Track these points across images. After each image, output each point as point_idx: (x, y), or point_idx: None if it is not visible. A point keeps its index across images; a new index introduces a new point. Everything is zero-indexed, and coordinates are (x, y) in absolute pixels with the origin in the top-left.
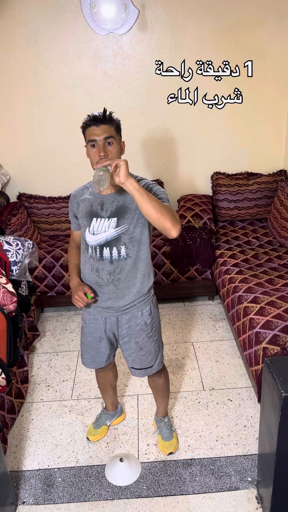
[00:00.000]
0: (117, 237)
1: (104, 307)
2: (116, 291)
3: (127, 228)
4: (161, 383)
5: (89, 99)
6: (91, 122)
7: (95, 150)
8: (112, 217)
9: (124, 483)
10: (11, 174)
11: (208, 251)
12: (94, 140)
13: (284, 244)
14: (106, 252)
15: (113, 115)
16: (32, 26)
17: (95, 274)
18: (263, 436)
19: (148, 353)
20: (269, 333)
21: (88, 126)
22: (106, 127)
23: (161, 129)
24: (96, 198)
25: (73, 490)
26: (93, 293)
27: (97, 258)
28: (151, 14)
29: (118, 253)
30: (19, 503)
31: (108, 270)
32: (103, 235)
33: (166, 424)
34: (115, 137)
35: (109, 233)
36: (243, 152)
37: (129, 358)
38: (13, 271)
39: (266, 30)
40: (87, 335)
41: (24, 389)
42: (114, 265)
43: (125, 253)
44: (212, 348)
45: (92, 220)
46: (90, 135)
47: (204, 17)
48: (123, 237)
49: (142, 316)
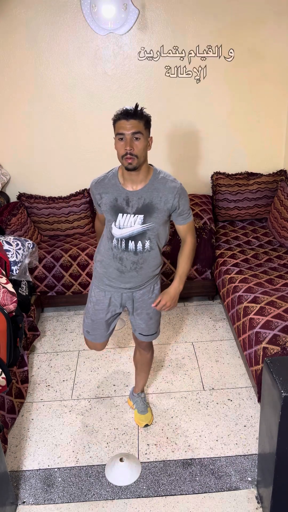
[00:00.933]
0: (143, 232)
1: (122, 287)
2: (137, 276)
3: (154, 226)
4: (147, 357)
5: (89, 99)
6: (122, 116)
7: (122, 143)
8: (138, 214)
9: (124, 483)
10: (11, 174)
11: (208, 251)
12: (122, 134)
13: (284, 244)
14: (131, 244)
15: (144, 110)
16: (32, 26)
17: (119, 262)
18: (263, 436)
19: (155, 321)
20: (269, 333)
21: (118, 120)
22: (136, 122)
23: (161, 129)
24: (120, 192)
25: (73, 490)
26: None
27: (122, 248)
28: (151, 14)
29: (142, 246)
30: (19, 503)
31: (132, 260)
32: (129, 229)
33: (142, 399)
34: (143, 133)
35: (135, 228)
36: (243, 152)
37: (139, 326)
38: (13, 271)
39: (266, 30)
40: (99, 311)
41: (24, 389)
42: (138, 256)
43: (149, 246)
44: (212, 348)
45: (118, 215)
46: (119, 128)
47: (204, 17)
48: (149, 233)
49: (154, 291)
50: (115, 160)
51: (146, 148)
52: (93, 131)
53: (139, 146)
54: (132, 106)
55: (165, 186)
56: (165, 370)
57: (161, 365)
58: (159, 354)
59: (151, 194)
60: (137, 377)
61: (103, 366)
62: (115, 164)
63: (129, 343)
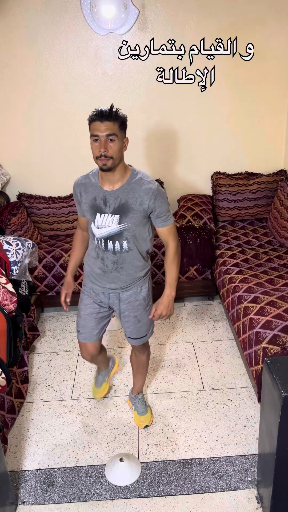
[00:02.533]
0: (119, 232)
1: (107, 287)
2: (119, 276)
3: (129, 226)
4: (143, 359)
5: (89, 99)
6: (97, 117)
7: (96, 145)
8: (115, 214)
9: (124, 483)
10: (11, 174)
11: (208, 251)
12: (96, 136)
13: (284, 244)
14: (110, 244)
15: (119, 112)
16: (32, 26)
17: (101, 262)
18: (263, 436)
19: (144, 324)
20: (269, 333)
21: (93, 121)
22: (110, 124)
23: (161, 129)
24: (99, 192)
25: (73, 490)
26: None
27: (102, 248)
28: (151, 14)
29: (120, 246)
30: (19, 503)
31: (112, 260)
32: (106, 229)
33: (141, 400)
34: (118, 135)
35: (112, 228)
36: (243, 152)
37: (127, 329)
38: (13, 271)
39: (266, 30)
40: (88, 306)
41: (24, 389)
42: (117, 256)
43: (126, 246)
44: (212, 348)
45: (96, 215)
46: (93, 130)
47: (204, 17)
48: (125, 233)
49: (140, 292)
50: None
51: (121, 149)
52: None
53: (113, 147)
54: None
55: (141, 187)
56: (165, 370)
57: (161, 365)
58: (159, 354)
59: (127, 195)
60: (134, 379)
61: None
62: None
63: (129, 343)
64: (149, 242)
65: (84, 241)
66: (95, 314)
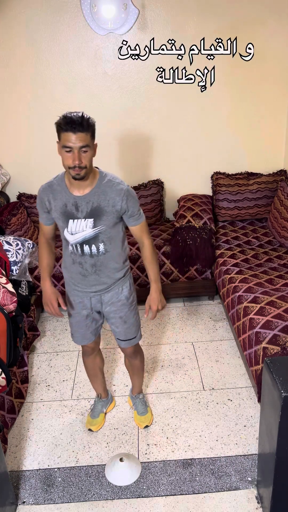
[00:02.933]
0: (95, 236)
1: (88, 291)
2: (99, 279)
3: (104, 228)
4: (137, 363)
5: (89, 99)
6: (69, 127)
7: (69, 155)
8: (88, 218)
9: (124, 483)
10: (11, 174)
11: (208, 251)
12: (69, 147)
13: (284, 244)
14: (87, 248)
15: (90, 120)
16: (32, 26)
17: (79, 266)
18: (263, 436)
19: (131, 325)
20: (269, 333)
21: (65, 131)
22: (83, 135)
23: (161, 129)
24: (69, 198)
25: (73, 490)
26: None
27: (79, 253)
28: (151, 14)
29: (97, 249)
30: (19, 503)
31: (90, 263)
32: (81, 234)
33: (141, 400)
34: (90, 145)
35: (87, 233)
36: (243, 152)
37: (115, 330)
38: (13, 271)
39: (266, 30)
40: (75, 315)
41: (24, 389)
42: (95, 259)
43: (103, 249)
44: (212, 348)
45: (69, 221)
46: (65, 140)
47: (204, 17)
48: (101, 236)
49: (122, 292)
50: (115, 160)
51: (92, 158)
52: None
53: (87, 157)
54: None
55: (111, 189)
56: (165, 370)
57: (161, 365)
58: (159, 354)
59: (98, 198)
60: (132, 380)
61: None
62: (114, 163)
63: None
64: (124, 241)
65: (51, 249)
66: (82, 321)
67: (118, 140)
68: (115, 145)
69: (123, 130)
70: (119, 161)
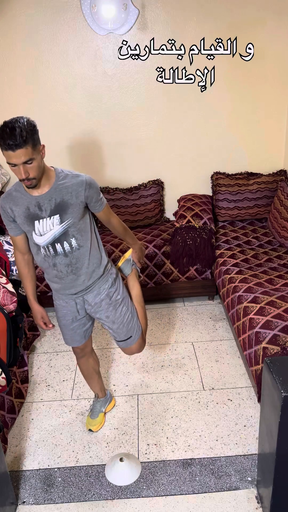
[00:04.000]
0: (65, 232)
1: (69, 293)
2: (77, 279)
3: (72, 221)
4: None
5: (89, 99)
6: (6, 146)
7: (16, 169)
8: (53, 215)
9: (124, 483)
10: (11, 174)
11: (208, 251)
12: (13, 164)
13: (284, 244)
14: (59, 247)
15: (24, 131)
16: (32, 26)
17: (53, 269)
18: (263, 436)
19: (121, 325)
20: (269, 333)
21: (4, 149)
22: (23, 151)
23: (161, 129)
24: (30, 200)
25: (73, 490)
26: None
27: (52, 254)
28: (151, 14)
29: (69, 245)
30: (19, 503)
31: (65, 263)
32: (50, 233)
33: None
34: (34, 156)
35: (56, 230)
36: (243, 152)
37: (109, 331)
38: (13, 271)
39: (266, 30)
40: (61, 318)
41: (24, 389)
42: (69, 257)
43: (76, 244)
44: (212, 348)
45: (35, 223)
46: (8, 158)
47: (204, 17)
48: (70, 230)
49: (104, 291)
50: (114, 160)
51: (41, 162)
52: (93, 131)
53: (33, 168)
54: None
55: (72, 181)
56: (165, 370)
57: (161, 365)
58: (159, 354)
59: (60, 192)
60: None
61: (103, 366)
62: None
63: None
64: (96, 234)
65: (30, 265)
66: (68, 324)
67: (118, 140)
68: (114, 145)
69: (123, 130)
70: (118, 161)
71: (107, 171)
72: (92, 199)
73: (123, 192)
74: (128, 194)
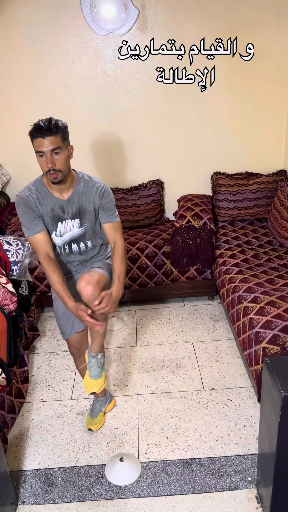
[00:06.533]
0: (82, 234)
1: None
2: (84, 268)
3: (89, 226)
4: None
5: (89, 99)
6: (38, 133)
7: (43, 160)
8: (74, 218)
9: (124, 483)
10: (11, 174)
11: (208, 251)
12: (41, 152)
13: (284, 244)
14: (75, 246)
15: (59, 123)
16: (32, 26)
17: (67, 264)
18: (263, 436)
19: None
20: (269, 333)
21: (35, 137)
22: (52, 139)
23: (161, 129)
24: (55, 202)
25: (73, 489)
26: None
27: (66, 253)
28: (151, 14)
29: (85, 246)
30: (19, 502)
31: (79, 260)
32: (68, 234)
33: (98, 361)
34: (62, 147)
35: (74, 232)
36: (243, 152)
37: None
38: (13, 271)
39: (266, 30)
40: (58, 308)
41: (24, 388)
42: (83, 255)
43: (91, 245)
44: (212, 348)
45: (58, 224)
46: (37, 146)
47: (204, 17)
48: (88, 233)
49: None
50: (114, 160)
51: (68, 158)
52: (93, 131)
53: (60, 160)
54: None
55: (90, 189)
56: (165, 370)
57: (161, 365)
58: (159, 354)
59: (80, 198)
60: (91, 334)
61: None
62: (114, 163)
63: (129, 343)
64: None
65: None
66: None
67: (118, 140)
68: (114, 145)
69: (123, 130)
70: (119, 161)
71: (107, 171)
72: (103, 207)
73: (123, 192)
74: (128, 194)
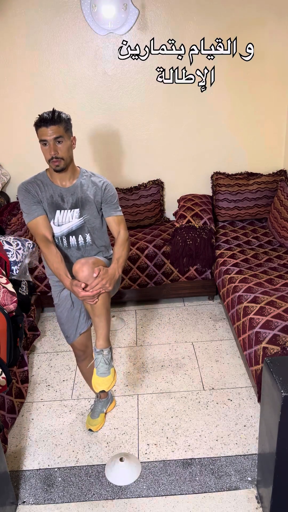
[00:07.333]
0: (81, 226)
1: None
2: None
3: (89, 218)
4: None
5: (89, 99)
6: (42, 123)
7: (46, 148)
8: (74, 208)
9: (124, 483)
10: (11, 174)
11: (208, 251)
12: (45, 140)
13: (284, 244)
14: (73, 240)
15: (62, 114)
16: (32, 26)
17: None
18: (263, 436)
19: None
20: (269, 333)
21: (39, 127)
22: (55, 128)
23: (161, 129)
24: (55, 189)
25: (73, 489)
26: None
27: (64, 246)
28: (151, 14)
29: (83, 240)
30: (19, 502)
31: (76, 256)
32: (67, 225)
33: (105, 358)
34: (64, 136)
35: (73, 223)
36: (243, 152)
37: None
38: (13, 271)
39: (266, 30)
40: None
41: (24, 389)
42: (81, 251)
43: (90, 240)
44: (212, 348)
45: (56, 212)
46: (41, 135)
47: (204, 17)
48: (86, 225)
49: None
50: (114, 160)
51: (70, 148)
52: (93, 131)
53: (62, 148)
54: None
55: (93, 183)
56: (165, 370)
57: (161, 365)
58: (159, 354)
59: (81, 189)
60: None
61: None
62: (114, 163)
63: (129, 343)
64: (106, 234)
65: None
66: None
67: (118, 140)
68: (115, 145)
69: (123, 130)
70: (119, 161)
71: (107, 171)
72: (106, 200)
73: (123, 192)
74: (128, 194)
